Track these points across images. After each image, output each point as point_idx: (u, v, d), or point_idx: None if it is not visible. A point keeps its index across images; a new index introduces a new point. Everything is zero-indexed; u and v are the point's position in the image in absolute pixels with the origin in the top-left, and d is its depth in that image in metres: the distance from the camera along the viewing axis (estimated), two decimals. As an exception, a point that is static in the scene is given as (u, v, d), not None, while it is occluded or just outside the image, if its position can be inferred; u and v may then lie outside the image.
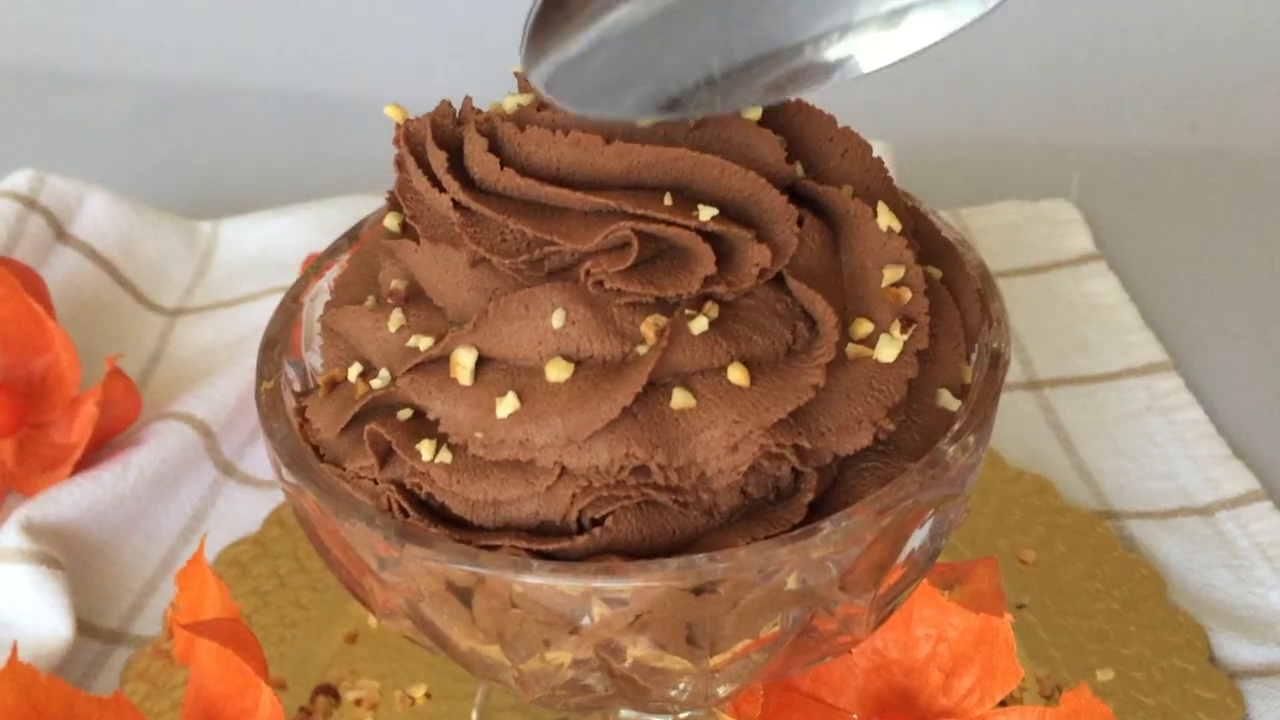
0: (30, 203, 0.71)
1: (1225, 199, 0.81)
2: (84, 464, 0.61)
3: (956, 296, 0.39)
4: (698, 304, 0.36)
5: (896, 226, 0.37)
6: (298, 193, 0.82)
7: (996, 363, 0.39)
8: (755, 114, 0.37)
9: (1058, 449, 0.64)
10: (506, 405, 0.35)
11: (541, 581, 0.33)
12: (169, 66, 1.01)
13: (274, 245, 0.76)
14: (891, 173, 0.76)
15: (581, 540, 0.34)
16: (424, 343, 0.37)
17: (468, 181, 0.37)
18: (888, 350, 0.35)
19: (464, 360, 0.35)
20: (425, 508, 0.36)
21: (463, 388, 0.35)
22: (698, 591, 0.34)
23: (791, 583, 0.34)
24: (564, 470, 0.35)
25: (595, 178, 0.36)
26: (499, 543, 0.35)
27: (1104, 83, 0.93)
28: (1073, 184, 0.80)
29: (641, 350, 0.35)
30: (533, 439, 0.34)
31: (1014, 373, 0.68)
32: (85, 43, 1.04)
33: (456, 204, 0.36)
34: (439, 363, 0.36)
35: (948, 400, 0.37)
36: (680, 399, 0.35)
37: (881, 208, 0.37)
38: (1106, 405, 0.66)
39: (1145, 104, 0.90)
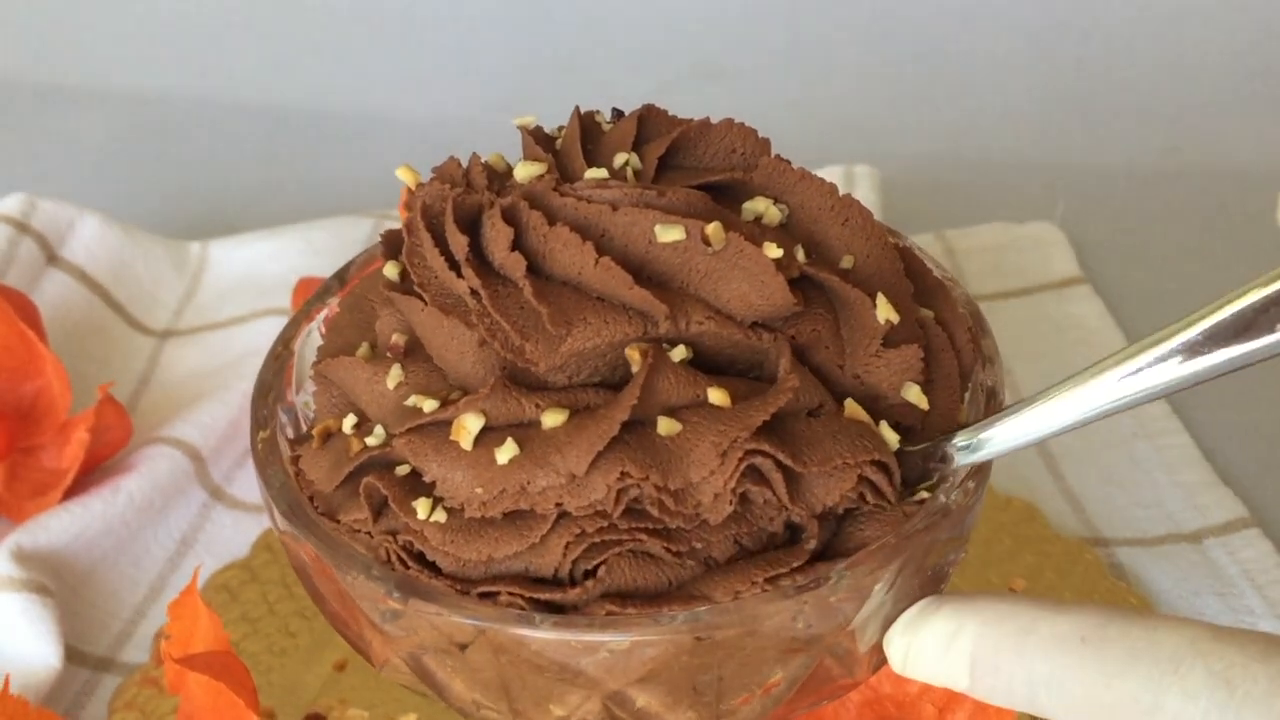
0: (22, 226, 0.71)
1: (1210, 223, 0.81)
2: (74, 489, 0.60)
3: (950, 338, 0.39)
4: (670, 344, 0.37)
5: (895, 319, 0.37)
6: (287, 211, 0.82)
7: (992, 402, 0.40)
8: (767, 205, 0.37)
9: (1046, 475, 0.64)
10: (506, 452, 0.35)
11: (549, 636, 0.33)
12: (157, 85, 1.00)
13: (263, 267, 0.76)
14: (877, 196, 0.77)
15: (574, 592, 0.34)
16: (427, 404, 0.36)
17: (485, 264, 0.37)
18: (890, 435, 0.36)
19: (470, 426, 0.35)
20: (422, 559, 0.36)
21: (462, 451, 0.35)
22: (704, 641, 0.34)
23: (799, 630, 0.34)
24: (560, 515, 0.35)
25: (610, 297, 0.36)
26: (495, 589, 0.35)
27: (1088, 106, 0.93)
28: (1057, 207, 0.81)
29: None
30: (533, 482, 0.34)
31: (1004, 399, 0.68)
32: (73, 60, 1.04)
33: (474, 292, 0.36)
34: (439, 426, 0.36)
35: (946, 445, 0.37)
36: (666, 426, 0.35)
37: (881, 300, 0.37)
38: (1094, 431, 0.66)
39: (1129, 127, 0.91)
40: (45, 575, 0.57)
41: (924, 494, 0.37)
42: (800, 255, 0.37)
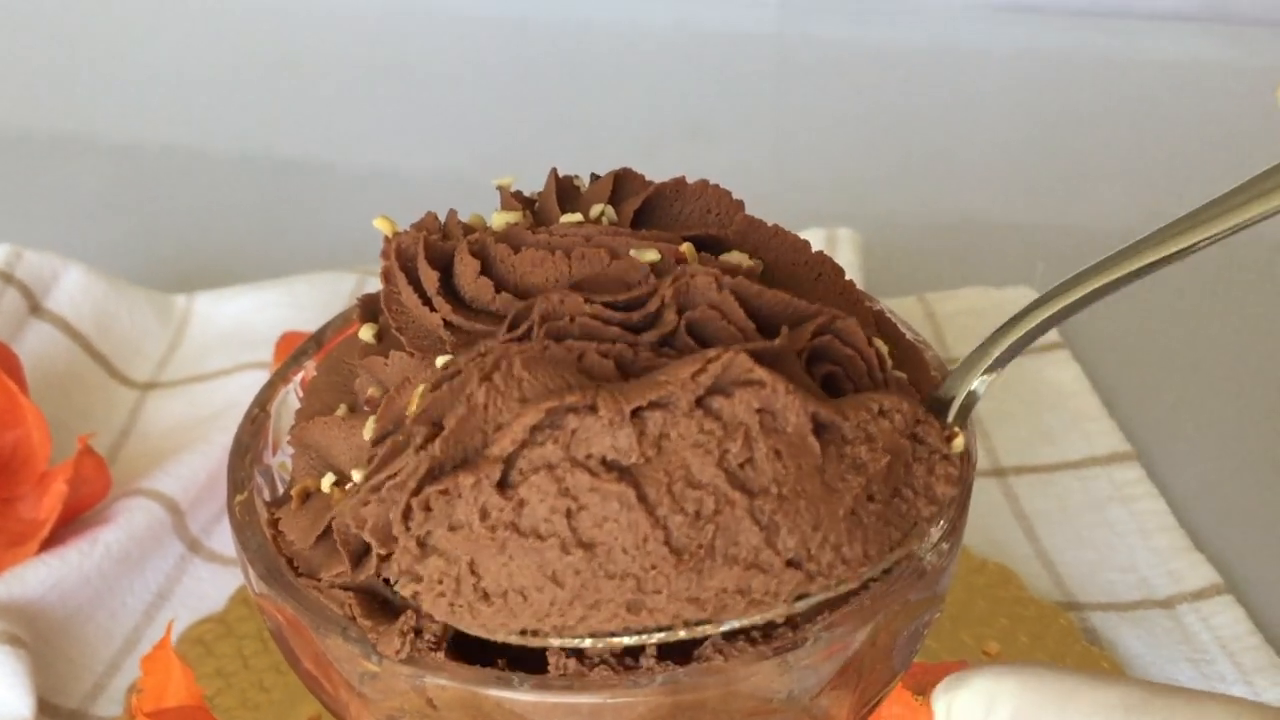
0: (6, 277, 0.71)
1: (1188, 288, 0.82)
2: (51, 541, 0.60)
3: (923, 399, 0.40)
4: None
5: None
6: (272, 265, 0.82)
7: (966, 463, 0.40)
8: (742, 259, 0.38)
9: (1021, 538, 0.64)
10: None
11: (528, 698, 0.34)
12: (144, 137, 1.01)
13: (248, 320, 0.76)
14: (859, 259, 0.78)
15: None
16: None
17: (458, 300, 0.37)
18: None
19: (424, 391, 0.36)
20: (381, 604, 0.36)
21: None
22: (682, 701, 0.34)
23: (776, 690, 0.34)
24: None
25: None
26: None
27: (1069, 170, 0.95)
28: (1036, 271, 0.82)
29: None
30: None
31: (979, 459, 0.68)
32: (60, 111, 1.04)
33: (448, 324, 0.37)
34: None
35: (921, 505, 0.38)
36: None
37: None
38: (1069, 494, 0.66)
39: (1109, 192, 0.92)
40: (19, 627, 0.56)
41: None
42: None
